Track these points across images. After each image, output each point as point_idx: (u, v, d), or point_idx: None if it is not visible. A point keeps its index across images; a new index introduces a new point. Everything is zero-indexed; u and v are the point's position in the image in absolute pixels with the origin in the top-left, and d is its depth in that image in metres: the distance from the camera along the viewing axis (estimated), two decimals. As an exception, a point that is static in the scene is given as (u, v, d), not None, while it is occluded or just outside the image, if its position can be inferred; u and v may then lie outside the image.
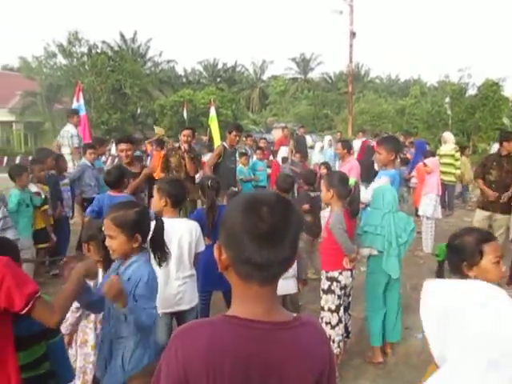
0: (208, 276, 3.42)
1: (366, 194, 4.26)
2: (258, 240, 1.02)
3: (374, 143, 10.26)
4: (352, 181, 3.47)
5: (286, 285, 3.60)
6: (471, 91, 24.35)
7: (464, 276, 1.95)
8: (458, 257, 1.97)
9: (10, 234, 2.60)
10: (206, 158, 10.68)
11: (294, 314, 1.15)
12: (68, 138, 7.51)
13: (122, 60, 32.13)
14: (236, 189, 6.33)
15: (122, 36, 41.23)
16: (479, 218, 6.14)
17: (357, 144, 11.32)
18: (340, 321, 3.46)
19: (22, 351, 2.02)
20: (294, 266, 3.66)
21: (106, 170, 5.22)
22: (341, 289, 3.45)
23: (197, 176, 6.53)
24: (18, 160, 19.62)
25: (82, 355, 2.85)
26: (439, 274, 2.10)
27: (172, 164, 6.04)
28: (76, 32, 28.79)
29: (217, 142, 13.87)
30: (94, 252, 2.79)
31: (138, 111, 34.73)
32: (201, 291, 3.62)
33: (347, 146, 6.77)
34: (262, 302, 1.08)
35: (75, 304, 2.66)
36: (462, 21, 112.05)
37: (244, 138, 9.69)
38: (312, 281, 5.25)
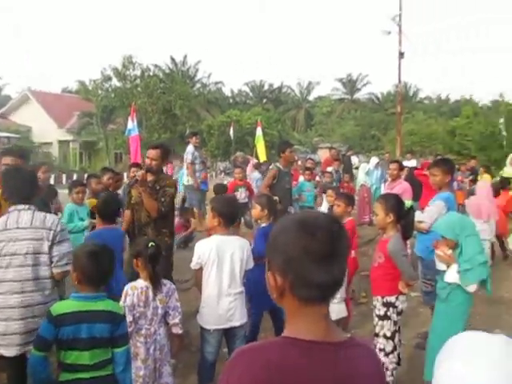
0: (261, 295, 3.43)
1: (425, 217, 4.12)
2: (321, 261, 1.04)
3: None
4: (408, 203, 3.36)
5: (338, 307, 3.56)
6: (530, 111, 23.29)
7: None
8: None
9: (64, 247, 2.76)
10: (254, 178, 10.86)
11: (348, 334, 1.16)
12: (185, 155, 8.74)
13: (172, 82, 33.42)
14: (292, 210, 6.04)
15: (173, 59, 43.02)
16: None
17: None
18: (395, 348, 3.34)
19: (88, 351, 2.24)
20: (343, 289, 3.62)
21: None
22: (397, 314, 3.35)
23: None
24: (75, 177, 20.54)
25: (133, 368, 2.94)
26: None
27: (132, 199, 4.32)
28: (130, 56, 30.26)
29: (262, 160, 14.04)
30: (141, 268, 2.91)
31: (187, 131, 35.78)
32: (254, 312, 3.66)
33: (403, 166, 6.63)
34: (322, 322, 1.09)
35: (129, 318, 2.79)
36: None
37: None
38: (359, 305, 5.16)
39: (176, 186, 4.49)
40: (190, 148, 8.74)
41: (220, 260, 3.12)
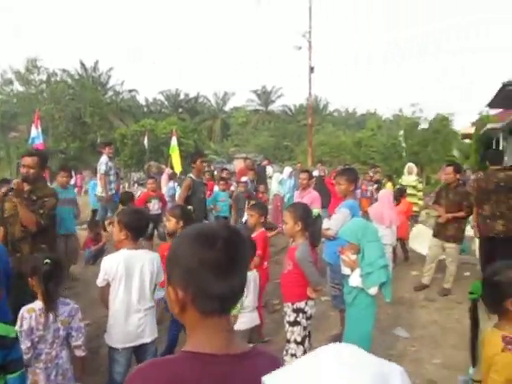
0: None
1: (331, 224, 4.33)
2: (220, 273, 1.03)
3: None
4: (315, 212, 3.50)
5: (251, 316, 3.58)
6: (423, 125, 25.59)
7: (508, 314, 1.89)
8: (501, 293, 1.87)
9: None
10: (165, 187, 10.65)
11: (251, 345, 1.17)
12: (98, 165, 8.41)
13: (82, 88, 31.85)
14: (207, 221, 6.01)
15: (83, 64, 40.93)
16: (432, 244, 6.57)
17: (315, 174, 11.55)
18: (305, 352, 3.44)
19: None
20: (255, 298, 3.66)
21: None
22: (307, 319, 3.45)
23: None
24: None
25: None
26: (474, 313, 2.00)
27: (6, 213, 3.87)
28: (35, 59, 28.41)
29: (177, 170, 13.86)
30: (37, 287, 2.73)
31: (99, 140, 34.26)
32: (173, 326, 3.67)
33: (312, 176, 6.89)
34: (222, 334, 1.08)
35: (26, 344, 2.58)
36: (414, 58, 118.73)
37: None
38: (272, 313, 5.25)
39: (55, 195, 4.04)
40: (103, 158, 8.38)
41: (128, 275, 3.00)
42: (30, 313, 2.67)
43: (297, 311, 3.43)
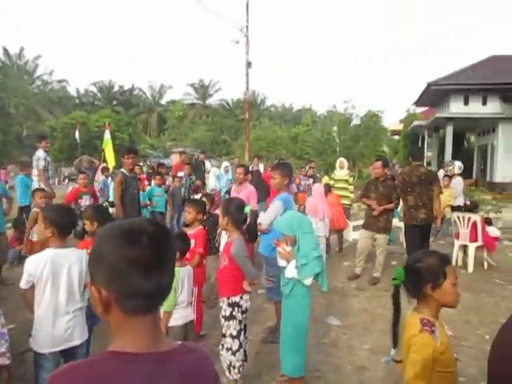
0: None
1: (264, 217, 4.39)
2: (146, 270, 1.01)
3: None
4: (247, 209, 3.51)
5: (185, 312, 3.55)
6: (355, 121, 26.64)
7: (427, 298, 2.00)
8: (422, 279, 1.98)
9: None
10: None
11: (179, 342, 1.16)
12: (35, 160, 7.90)
13: (5, 77, 29.77)
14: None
15: (6, 51, 38.28)
16: (363, 236, 6.92)
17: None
18: (241, 346, 3.47)
19: None
20: (189, 293, 3.63)
21: None
22: (242, 313, 3.47)
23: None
24: None
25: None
26: (396, 298, 2.10)
27: None
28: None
29: (111, 165, 13.42)
30: None
31: (25, 133, 32.24)
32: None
33: (248, 171, 6.93)
34: (148, 332, 1.06)
35: None
36: (347, 55, 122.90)
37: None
38: (210, 308, 5.24)
39: None
40: (40, 153, 7.82)
41: (55, 276, 2.84)
42: None
43: (232, 305, 3.44)
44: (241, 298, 3.46)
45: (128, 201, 5.73)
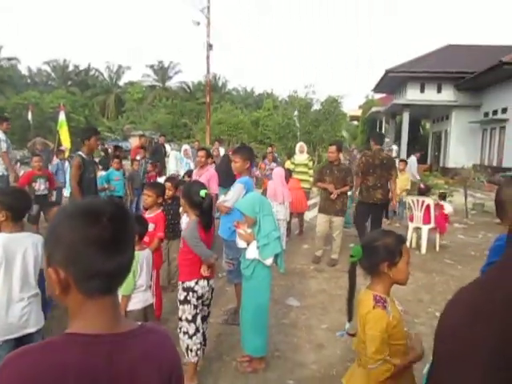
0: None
1: (226, 199, 4.41)
2: (105, 250, 1.00)
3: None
4: (203, 192, 3.49)
5: (144, 296, 3.53)
6: (316, 106, 26.90)
7: (381, 276, 2.07)
8: (378, 257, 2.05)
9: None
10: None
11: (139, 323, 1.16)
12: None
13: None
14: None
15: (-51, 26, 35.88)
16: (321, 220, 7.03)
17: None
18: (197, 330, 3.47)
19: None
20: (148, 277, 3.60)
21: None
22: (197, 299, 3.46)
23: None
24: None
25: None
26: (352, 275, 2.16)
27: None
28: None
29: (68, 147, 12.93)
30: None
31: (-29, 113, 30.58)
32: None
33: (210, 154, 6.89)
34: (107, 313, 1.05)
35: None
36: (308, 40, 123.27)
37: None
38: (170, 292, 5.23)
39: None
40: (1, 135, 7.42)
41: (9, 262, 2.75)
42: None
43: (187, 290, 3.44)
44: (196, 283, 3.45)
45: (85, 185, 5.57)
